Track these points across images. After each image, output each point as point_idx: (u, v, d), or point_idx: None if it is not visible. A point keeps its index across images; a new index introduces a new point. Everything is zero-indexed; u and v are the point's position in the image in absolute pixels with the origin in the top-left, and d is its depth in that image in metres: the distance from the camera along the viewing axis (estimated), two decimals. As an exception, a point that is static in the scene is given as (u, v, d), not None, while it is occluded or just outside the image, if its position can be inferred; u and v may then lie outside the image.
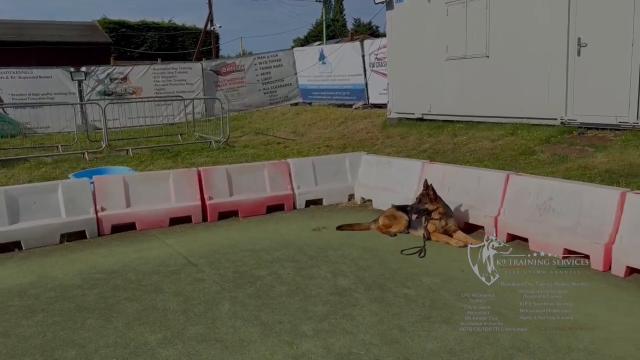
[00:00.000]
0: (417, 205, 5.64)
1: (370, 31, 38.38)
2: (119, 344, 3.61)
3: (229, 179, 6.94)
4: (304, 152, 10.94)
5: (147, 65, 18.86)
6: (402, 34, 12.54)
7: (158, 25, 37.61)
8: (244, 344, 3.54)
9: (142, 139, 13.08)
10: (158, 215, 6.49)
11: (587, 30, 8.77)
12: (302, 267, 4.98)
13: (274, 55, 19.71)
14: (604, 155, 7.63)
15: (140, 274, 4.93)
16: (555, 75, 9.28)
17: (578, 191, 4.99)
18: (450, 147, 9.79)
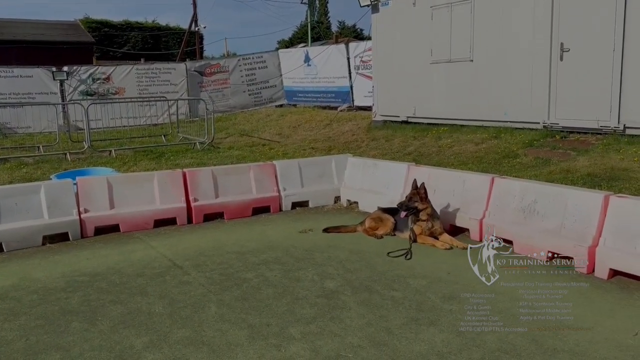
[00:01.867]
0: (407, 202, 5.65)
1: (354, 34, 38.50)
2: (104, 347, 3.56)
3: (215, 181, 6.90)
4: (289, 154, 10.92)
5: (130, 65, 18.68)
6: (387, 37, 12.60)
7: (141, 25, 37.31)
8: (231, 347, 3.51)
9: (125, 140, 12.94)
10: (142, 217, 6.42)
11: (570, 36, 8.91)
12: (289, 269, 4.97)
13: (259, 57, 19.66)
14: (586, 158, 7.75)
15: (124, 277, 4.86)
16: (538, 79, 9.41)
17: (562, 194, 5.06)
18: (434, 150, 9.86)
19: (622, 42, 8.21)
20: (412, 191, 5.70)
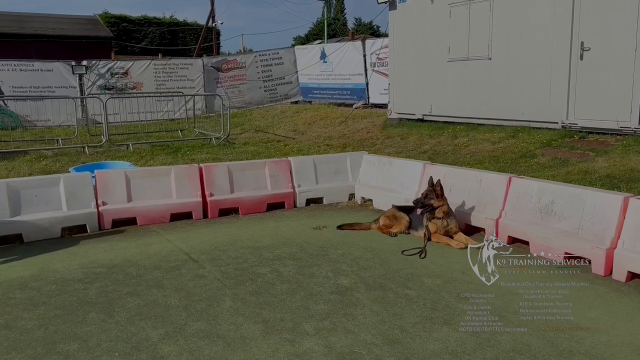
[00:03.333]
0: (423, 200, 5.62)
1: (371, 31, 38.38)
2: (121, 338, 3.61)
3: (230, 176, 6.94)
4: (304, 150, 10.94)
5: (148, 61, 18.83)
6: (404, 35, 12.55)
7: (159, 21, 37.54)
8: (245, 341, 3.54)
9: (142, 134, 13.06)
10: (159, 211, 6.49)
11: (591, 35, 8.79)
12: (303, 265, 4.99)
13: (275, 53, 19.70)
14: (605, 159, 7.65)
15: (141, 269, 4.92)
16: (557, 78, 9.30)
17: (580, 195, 5.00)
18: (450, 148, 9.80)
19: (644, 42, 8.08)
20: (428, 188, 5.68)
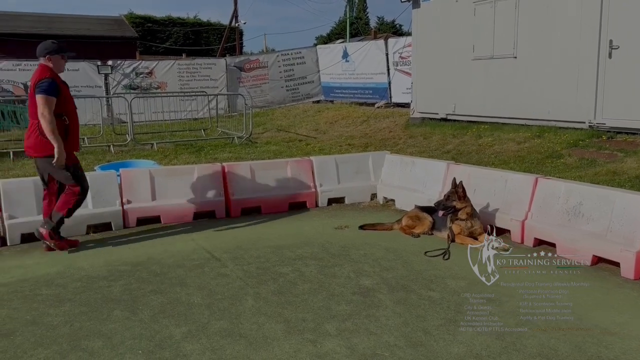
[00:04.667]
0: (445, 202, 5.56)
1: (393, 30, 38.16)
2: (144, 336, 3.65)
3: (253, 175, 6.97)
4: (325, 150, 10.93)
5: (172, 61, 19.06)
6: (427, 33, 12.43)
7: (183, 21, 37.99)
8: (267, 341, 3.54)
9: (166, 134, 13.22)
10: (182, 209, 6.55)
11: (620, 33, 8.57)
12: (325, 265, 4.97)
13: (298, 53, 19.73)
14: (634, 160, 7.45)
15: (164, 267, 4.97)
16: (584, 77, 9.10)
17: (609, 197, 4.88)
18: (474, 148, 9.68)
19: (677, 39, 7.86)
20: (450, 190, 5.61)
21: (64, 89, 5.29)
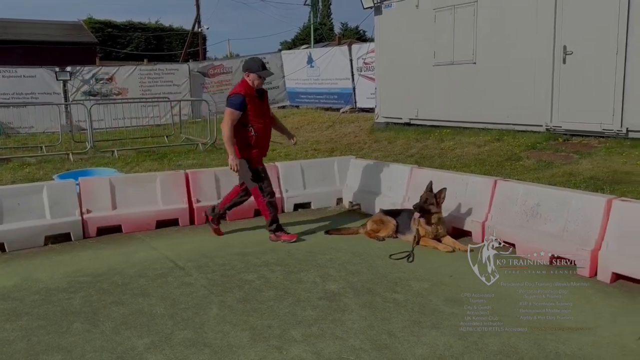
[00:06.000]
0: (423, 204, 5.58)
1: (357, 36, 38.52)
2: (106, 348, 3.56)
3: (217, 182, 6.90)
4: (291, 155, 10.92)
5: (133, 66, 18.73)
6: (390, 39, 12.61)
7: (145, 26, 37.39)
8: (233, 349, 3.51)
9: (127, 140, 12.97)
10: (144, 218, 6.43)
11: (573, 39, 8.90)
12: (291, 271, 4.96)
13: (262, 58, 19.62)
14: (588, 162, 7.74)
15: (126, 278, 4.87)
16: (541, 82, 9.41)
17: (565, 197, 5.04)
18: (437, 152, 9.86)
19: (625, 45, 8.21)
20: (428, 193, 5.63)
21: (255, 102, 5.78)
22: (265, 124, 5.97)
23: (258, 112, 5.83)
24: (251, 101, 5.74)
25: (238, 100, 5.70)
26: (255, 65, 5.78)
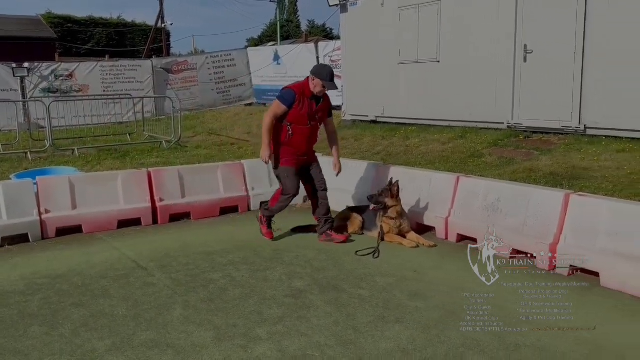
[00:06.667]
0: (378, 197, 5.64)
1: (324, 33, 38.61)
2: (65, 351, 3.46)
3: (181, 180, 6.80)
4: (258, 153, 10.80)
5: (94, 62, 18.29)
6: (356, 37, 12.66)
7: (106, 22, 36.54)
8: (196, 349, 3.46)
9: (88, 139, 12.64)
10: (106, 218, 6.28)
11: (533, 38, 9.12)
12: (257, 269, 4.93)
13: (228, 55, 19.50)
14: (548, 158, 7.95)
15: (87, 279, 4.74)
16: (502, 80, 9.61)
17: (524, 193, 5.17)
18: (402, 149, 9.96)
19: (583, 45, 8.46)
20: (385, 186, 5.70)
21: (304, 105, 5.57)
22: (306, 130, 5.68)
23: (303, 115, 5.59)
24: (302, 102, 5.54)
25: (288, 95, 5.54)
26: (324, 72, 5.54)
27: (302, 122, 5.64)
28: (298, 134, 5.66)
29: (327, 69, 5.63)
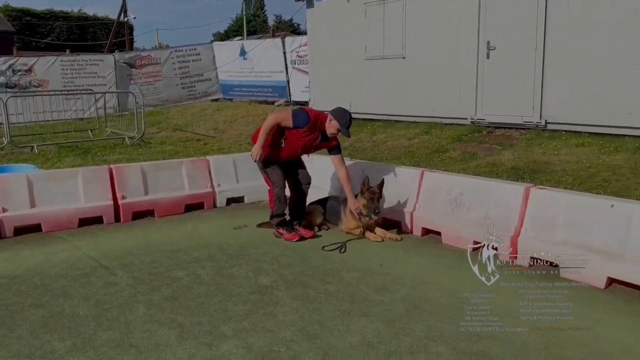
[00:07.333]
0: (372, 204, 5.52)
1: (291, 28, 38.48)
2: (23, 353, 3.36)
3: (144, 177, 6.67)
4: (225, 149, 10.75)
5: (54, 57, 17.70)
6: (322, 33, 12.66)
7: (66, 15, 35.51)
8: (160, 348, 3.41)
9: (48, 135, 12.26)
10: (66, 216, 6.11)
11: (496, 34, 9.30)
12: (223, 266, 4.89)
13: (193, 49, 19.18)
14: (510, 152, 8.13)
15: (46, 279, 4.61)
16: (466, 76, 9.77)
17: (486, 187, 5.28)
18: (369, 144, 10.02)
19: (544, 41, 8.67)
20: (375, 192, 5.57)
21: (309, 136, 5.54)
22: (297, 152, 5.72)
23: (302, 142, 5.56)
24: (310, 132, 5.50)
25: (303, 119, 5.45)
26: (343, 119, 5.48)
27: (296, 145, 5.63)
28: (288, 149, 5.67)
29: (347, 116, 5.55)
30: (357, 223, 5.66)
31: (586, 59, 8.25)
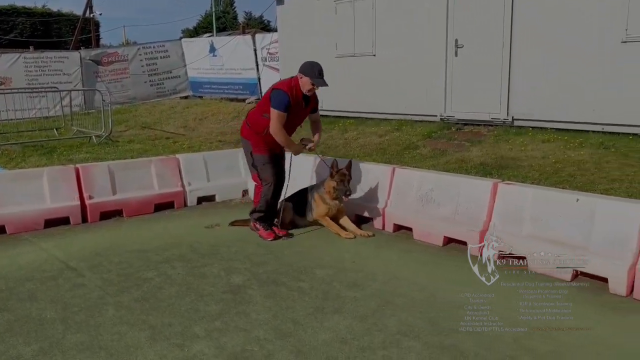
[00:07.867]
0: (342, 186, 5.57)
1: (262, 25, 38.20)
2: (-14, 360, 3.26)
3: (112, 177, 6.54)
4: (195, 147, 10.62)
5: (17, 54, 17.21)
6: (292, 30, 12.63)
7: (30, 11, 34.45)
8: (130, 350, 3.35)
9: (12, 134, 11.91)
10: (31, 217, 5.94)
11: (464, 32, 9.44)
12: (194, 266, 4.83)
13: (161, 46, 18.89)
14: (478, 149, 8.27)
15: (11, 282, 4.48)
16: (435, 74, 9.89)
17: (455, 182, 5.36)
18: (341, 142, 10.05)
19: (510, 39, 8.85)
20: (344, 175, 5.61)
21: (295, 107, 5.44)
22: (293, 130, 5.63)
23: (292, 118, 5.47)
24: (294, 105, 5.40)
25: (284, 100, 5.31)
26: (312, 71, 5.38)
27: (293, 122, 5.57)
28: (286, 128, 5.53)
29: (315, 65, 5.44)
30: (327, 207, 5.66)
31: (552, 56, 8.45)
